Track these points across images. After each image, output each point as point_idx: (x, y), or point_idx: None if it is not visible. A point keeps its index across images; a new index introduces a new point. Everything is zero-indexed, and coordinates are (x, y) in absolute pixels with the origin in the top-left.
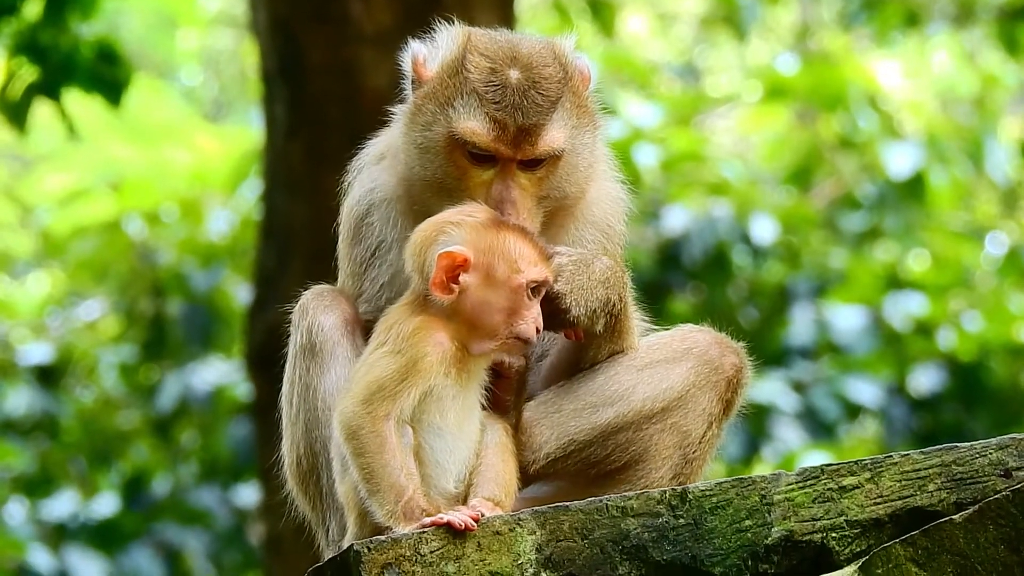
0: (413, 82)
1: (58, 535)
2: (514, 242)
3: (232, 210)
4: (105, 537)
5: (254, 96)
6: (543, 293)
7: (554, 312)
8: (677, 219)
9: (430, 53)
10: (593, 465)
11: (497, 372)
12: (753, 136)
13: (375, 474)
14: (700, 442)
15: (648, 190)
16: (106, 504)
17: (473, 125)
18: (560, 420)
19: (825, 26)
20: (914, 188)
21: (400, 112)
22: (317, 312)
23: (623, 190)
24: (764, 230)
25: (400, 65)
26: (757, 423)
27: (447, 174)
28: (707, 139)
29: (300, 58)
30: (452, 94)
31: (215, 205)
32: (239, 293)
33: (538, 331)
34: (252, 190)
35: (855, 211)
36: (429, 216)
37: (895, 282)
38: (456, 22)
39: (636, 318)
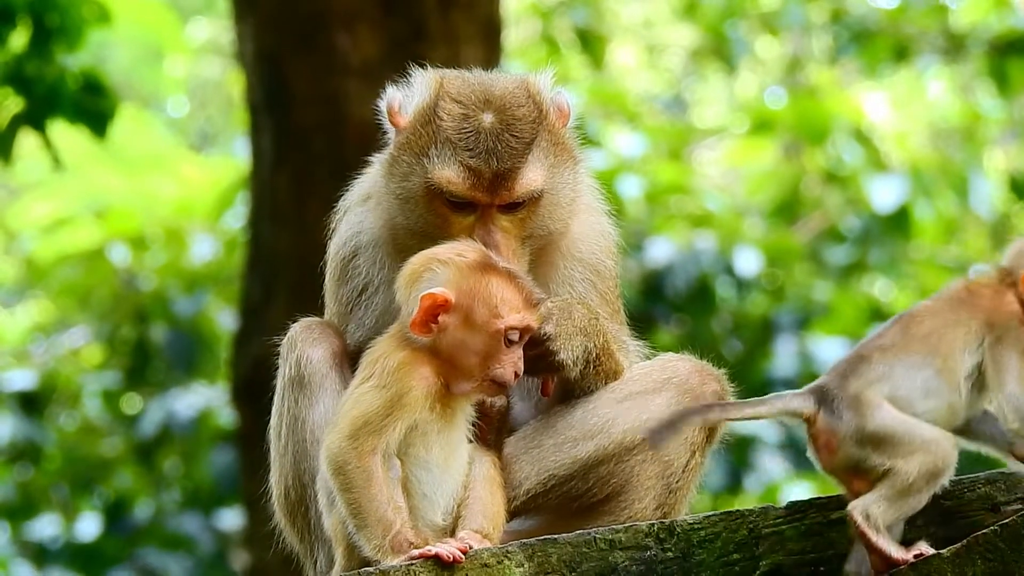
0: (391, 130)
1: (40, 558)
2: (498, 287)
3: (216, 236)
4: (87, 561)
5: (240, 125)
6: (526, 339)
7: (542, 355)
8: (661, 251)
9: (405, 99)
10: (575, 499)
11: (479, 410)
12: (739, 168)
13: (362, 509)
14: (683, 471)
15: (632, 222)
16: (88, 528)
17: (448, 174)
18: (540, 455)
19: (815, 59)
20: (899, 221)
21: (379, 161)
22: (306, 345)
23: (610, 223)
24: (748, 262)
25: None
26: (740, 454)
27: (429, 222)
28: (692, 171)
29: (286, 89)
30: (426, 143)
31: (199, 232)
32: (223, 319)
33: (517, 375)
34: (236, 218)
35: (840, 244)
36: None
37: (879, 315)
38: (442, 56)
39: (632, 349)
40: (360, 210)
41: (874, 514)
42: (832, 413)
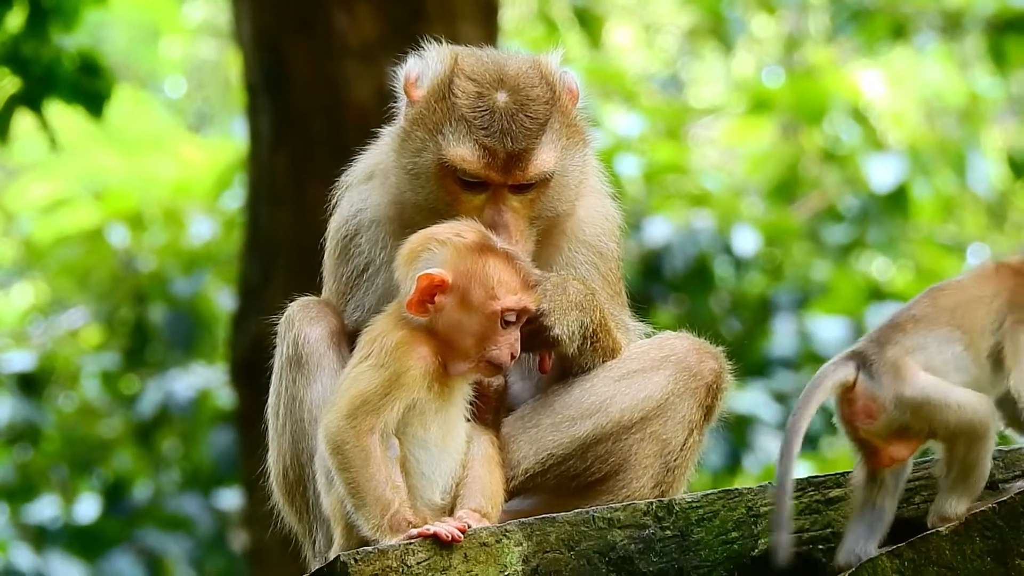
0: (404, 101)
1: (39, 539)
2: (495, 268)
3: (214, 217)
4: (86, 543)
5: (237, 106)
6: (523, 321)
7: (536, 330)
8: (659, 230)
9: (422, 72)
10: (573, 478)
11: (477, 390)
12: (737, 148)
13: (360, 488)
14: (681, 450)
15: (630, 201)
16: (87, 509)
17: (463, 152)
18: (538, 435)
19: (812, 38)
20: (897, 200)
21: (389, 134)
22: (303, 324)
23: (613, 206)
24: (746, 242)
25: (387, 79)
26: (739, 434)
27: (438, 199)
28: (690, 150)
29: (284, 70)
30: (441, 120)
31: (197, 212)
32: (221, 299)
33: (514, 357)
34: (235, 199)
35: (838, 223)
36: None
37: (877, 294)
38: (441, 36)
39: (632, 329)
40: (363, 188)
41: (947, 510)
42: (872, 378)
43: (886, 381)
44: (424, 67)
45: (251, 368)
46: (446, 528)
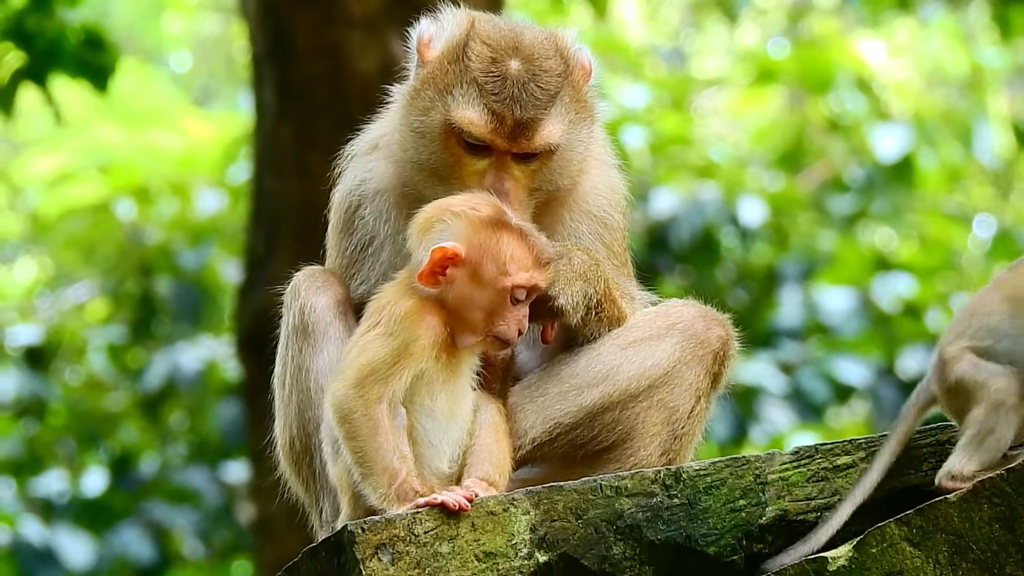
0: (416, 62)
1: (46, 513)
2: (508, 244)
3: (221, 189)
4: (93, 516)
5: (242, 81)
6: (533, 298)
7: (541, 300)
8: (665, 202)
9: (436, 33)
10: (580, 447)
11: (484, 359)
12: (742, 119)
13: (368, 457)
14: (688, 417)
15: (636, 172)
16: (94, 483)
17: (471, 115)
18: (545, 404)
19: (817, 8)
20: (902, 170)
21: (399, 93)
22: (309, 293)
23: (619, 178)
24: (752, 212)
25: (390, 49)
26: (745, 404)
27: (441, 161)
28: (695, 121)
29: (288, 41)
30: (452, 81)
31: (204, 185)
32: (227, 271)
33: (521, 333)
34: (241, 172)
35: (843, 193)
36: (422, 205)
37: (883, 264)
38: (445, 6)
39: (638, 299)
40: (367, 158)
41: (956, 468)
42: (932, 379)
43: (937, 378)
44: (439, 29)
45: (257, 339)
46: (453, 497)
